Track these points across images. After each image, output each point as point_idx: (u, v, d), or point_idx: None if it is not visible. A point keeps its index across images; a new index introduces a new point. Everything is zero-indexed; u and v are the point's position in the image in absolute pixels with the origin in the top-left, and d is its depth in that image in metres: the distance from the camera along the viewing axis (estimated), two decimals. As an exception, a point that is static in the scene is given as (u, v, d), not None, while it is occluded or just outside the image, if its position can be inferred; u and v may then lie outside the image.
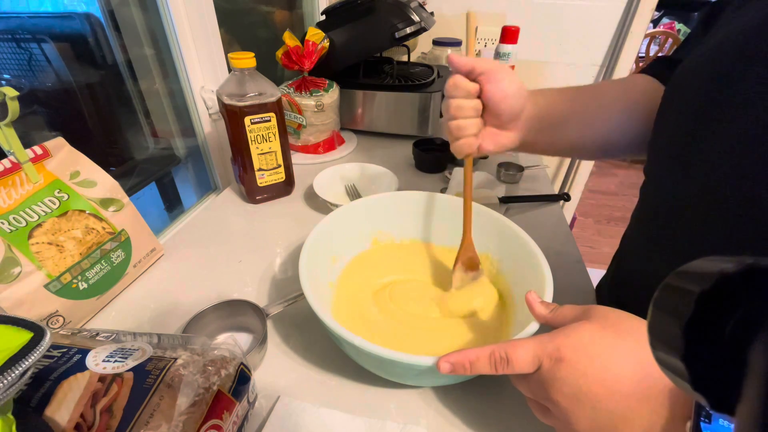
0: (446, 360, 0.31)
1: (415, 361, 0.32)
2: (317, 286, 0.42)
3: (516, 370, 0.29)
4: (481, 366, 0.30)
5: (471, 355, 0.30)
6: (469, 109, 0.42)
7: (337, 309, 0.45)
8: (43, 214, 0.42)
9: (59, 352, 0.29)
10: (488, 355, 0.30)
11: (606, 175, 2.74)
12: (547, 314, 0.32)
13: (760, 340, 0.10)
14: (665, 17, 3.29)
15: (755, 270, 0.11)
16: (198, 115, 0.76)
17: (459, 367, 0.30)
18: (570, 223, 1.58)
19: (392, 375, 0.38)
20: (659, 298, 0.14)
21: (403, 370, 0.36)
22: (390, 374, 0.38)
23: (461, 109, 0.42)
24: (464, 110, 0.42)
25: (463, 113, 0.42)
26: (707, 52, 0.33)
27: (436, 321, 0.44)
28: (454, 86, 0.41)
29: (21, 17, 0.61)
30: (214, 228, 0.64)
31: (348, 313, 0.45)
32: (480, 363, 0.30)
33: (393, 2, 0.83)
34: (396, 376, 0.38)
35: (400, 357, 0.31)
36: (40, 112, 0.62)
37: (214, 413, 0.29)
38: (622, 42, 1.19)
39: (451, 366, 0.31)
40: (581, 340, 0.27)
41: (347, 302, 0.46)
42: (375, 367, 0.37)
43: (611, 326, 0.27)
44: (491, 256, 0.49)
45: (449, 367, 0.31)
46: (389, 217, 0.54)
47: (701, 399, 0.12)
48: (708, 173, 0.30)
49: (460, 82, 0.41)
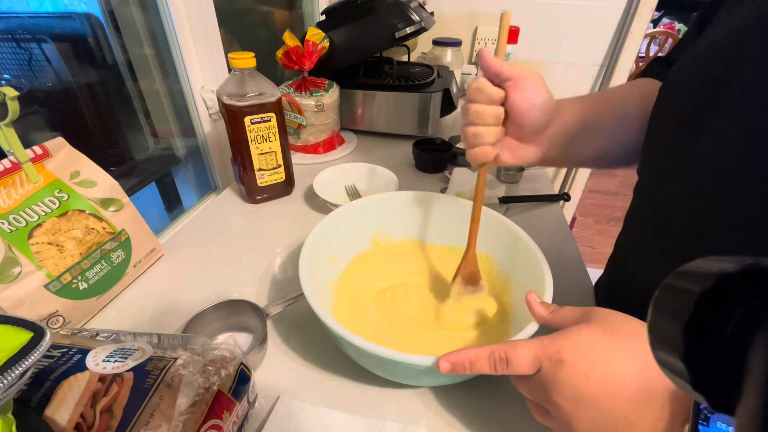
0: (446, 359, 0.31)
1: (415, 361, 0.32)
2: (317, 285, 0.42)
3: (515, 370, 0.29)
4: (480, 366, 0.30)
5: (471, 355, 0.30)
6: (488, 117, 0.39)
7: (337, 309, 0.45)
8: (43, 214, 0.42)
9: (59, 352, 0.29)
10: (488, 355, 0.30)
11: (606, 175, 2.73)
12: (546, 315, 0.32)
13: (760, 340, 0.10)
14: (665, 17, 3.29)
15: (755, 270, 0.11)
16: (198, 115, 0.76)
17: (459, 366, 0.30)
18: (570, 223, 1.58)
19: (392, 375, 0.38)
20: (659, 298, 0.14)
21: (402, 370, 0.36)
22: (390, 374, 0.38)
23: (480, 115, 0.39)
24: (484, 117, 0.39)
25: (482, 120, 0.39)
26: (698, 53, 0.33)
27: (435, 323, 0.44)
28: (477, 90, 0.39)
29: (21, 17, 0.61)
30: (214, 228, 0.64)
31: (348, 314, 0.45)
32: (479, 363, 0.30)
33: (393, 2, 0.83)
34: (396, 376, 0.38)
35: (400, 357, 0.31)
36: (40, 112, 0.62)
37: (214, 413, 0.29)
38: (622, 42, 1.19)
39: (451, 365, 0.31)
40: (582, 343, 0.27)
41: (347, 302, 0.46)
42: (375, 366, 0.37)
43: (612, 329, 0.27)
44: (491, 256, 0.49)
45: (449, 367, 0.31)
46: (389, 217, 0.54)
47: (701, 399, 0.12)
48: (700, 173, 0.30)
49: (484, 86, 0.38)
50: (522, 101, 0.38)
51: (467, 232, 0.45)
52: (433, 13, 0.99)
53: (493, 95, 0.38)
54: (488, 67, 0.38)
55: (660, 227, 0.36)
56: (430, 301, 0.47)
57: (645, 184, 0.39)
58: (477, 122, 0.40)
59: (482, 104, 0.39)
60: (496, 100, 0.39)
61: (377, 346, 0.32)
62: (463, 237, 0.45)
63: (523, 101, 0.38)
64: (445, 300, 0.45)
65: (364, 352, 0.33)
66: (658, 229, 0.36)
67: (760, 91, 0.26)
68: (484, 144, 0.40)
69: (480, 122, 0.40)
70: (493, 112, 0.39)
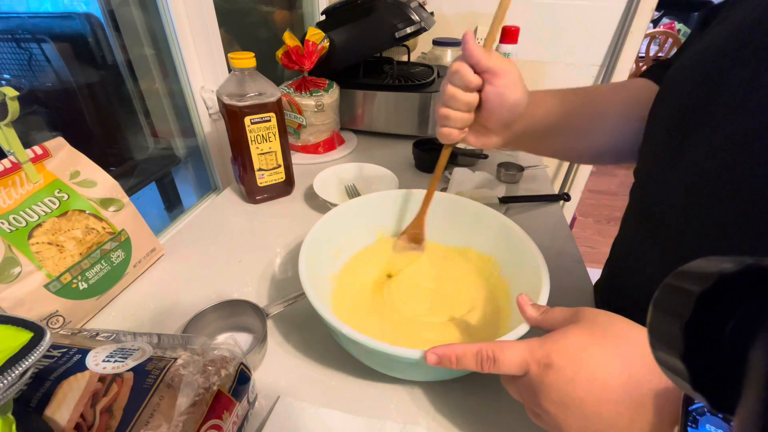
0: (434, 352, 0.31)
1: (403, 354, 0.32)
2: (317, 276, 0.43)
3: (501, 370, 0.29)
4: (467, 362, 0.30)
5: (458, 350, 0.30)
6: (462, 103, 0.39)
7: (336, 301, 0.46)
8: (43, 214, 0.42)
9: (59, 352, 0.29)
10: (476, 353, 0.30)
11: (606, 175, 2.73)
12: (537, 316, 0.32)
13: (760, 340, 0.10)
14: (665, 17, 3.29)
15: (755, 270, 0.11)
16: (198, 115, 0.76)
17: (445, 359, 0.31)
18: (570, 223, 1.58)
19: (383, 367, 0.38)
20: (659, 298, 0.14)
21: (392, 363, 0.36)
22: (381, 366, 0.38)
23: (454, 99, 0.39)
24: (456, 102, 0.39)
25: (455, 105, 0.40)
26: (696, 53, 0.34)
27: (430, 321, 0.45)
28: (455, 73, 0.38)
29: (21, 17, 0.61)
30: (214, 228, 0.64)
31: (346, 306, 0.46)
32: (466, 359, 0.30)
33: (393, 2, 0.83)
34: (387, 368, 0.38)
35: (388, 348, 0.32)
36: (40, 112, 0.62)
37: (214, 413, 0.29)
38: (622, 42, 1.19)
39: (437, 357, 0.31)
40: (569, 347, 0.27)
41: (346, 295, 0.47)
42: (366, 358, 0.38)
43: (599, 331, 0.27)
44: (494, 258, 0.49)
45: (435, 359, 0.31)
46: (392, 215, 0.55)
47: (701, 399, 0.12)
48: (696, 173, 0.30)
49: (462, 70, 0.38)
50: (493, 97, 0.39)
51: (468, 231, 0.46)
52: (433, 13, 0.99)
53: (470, 82, 0.38)
54: (469, 55, 0.38)
55: (654, 228, 0.36)
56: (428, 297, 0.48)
57: (640, 184, 0.40)
58: (449, 105, 0.40)
59: (458, 89, 0.39)
60: (471, 87, 0.39)
61: (366, 336, 0.32)
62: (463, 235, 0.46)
63: (494, 98, 0.39)
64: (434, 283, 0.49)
65: (357, 344, 0.33)
66: (652, 230, 0.36)
67: (753, 93, 0.26)
68: (452, 127, 0.41)
69: (452, 106, 0.40)
70: (466, 98, 0.39)
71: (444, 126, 0.42)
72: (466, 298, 0.47)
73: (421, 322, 0.44)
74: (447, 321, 0.44)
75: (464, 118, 0.41)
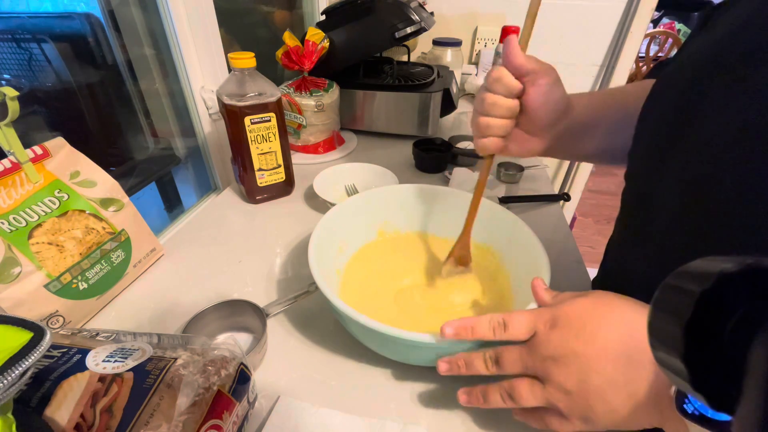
0: (449, 325, 0.32)
1: (419, 338, 0.33)
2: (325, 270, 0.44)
3: (512, 335, 0.31)
4: (481, 329, 0.32)
5: (472, 320, 0.32)
6: (504, 109, 0.39)
7: (343, 293, 0.47)
8: (43, 214, 0.42)
9: (59, 352, 0.29)
10: (488, 320, 0.32)
11: (606, 175, 2.73)
12: (550, 300, 0.34)
13: (760, 340, 0.10)
14: (665, 17, 3.29)
15: (755, 270, 0.11)
16: (198, 115, 0.76)
17: (462, 330, 0.32)
18: (570, 223, 1.58)
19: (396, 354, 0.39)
20: (659, 298, 0.14)
21: (408, 349, 0.37)
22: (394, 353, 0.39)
23: (496, 106, 0.38)
24: (499, 109, 0.38)
25: (497, 112, 0.39)
26: (687, 56, 0.34)
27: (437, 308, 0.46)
28: (497, 80, 0.38)
29: (21, 17, 0.61)
30: (214, 228, 0.64)
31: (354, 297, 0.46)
32: (481, 326, 0.32)
33: (393, 2, 0.83)
34: (401, 355, 0.39)
35: (405, 334, 0.33)
36: (40, 112, 0.62)
37: (214, 413, 0.29)
38: (622, 42, 1.19)
39: (454, 329, 0.32)
40: (575, 310, 0.29)
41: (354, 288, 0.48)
42: (379, 345, 0.39)
43: (606, 303, 0.29)
44: (493, 248, 0.51)
45: (453, 331, 0.32)
46: (396, 210, 0.55)
47: (701, 399, 0.12)
48: (682, 176, 0.30)
49: (504, 76, 0.37)
50: (538, 97, 0.38)
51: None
52: (433, 13, 0.99)
53: (512, 87, 0.38)
54: (513, 59, 0.37)
55: (641, 229, 0.36)
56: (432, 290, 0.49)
57: (629, 187, 0.40)
58: (491, 113, 0.39)
59: (499, 95, 0.38)
60: (514, 92, 0.38)
61: (387, 326, 0.33)
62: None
63: (539, 97, 0.38)
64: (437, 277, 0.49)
65: (374, 332, 0.34)
66: (639, 231, 0.36)
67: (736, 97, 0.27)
68: (494, 136, 0.40)
69: (494, 114, 0.39)
70: (509, 104, 0.38)
71: (484, 136, 0.40)
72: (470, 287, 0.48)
73: (430, 309, 0.45)
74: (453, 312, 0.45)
75: (506, 125, 0.40)
